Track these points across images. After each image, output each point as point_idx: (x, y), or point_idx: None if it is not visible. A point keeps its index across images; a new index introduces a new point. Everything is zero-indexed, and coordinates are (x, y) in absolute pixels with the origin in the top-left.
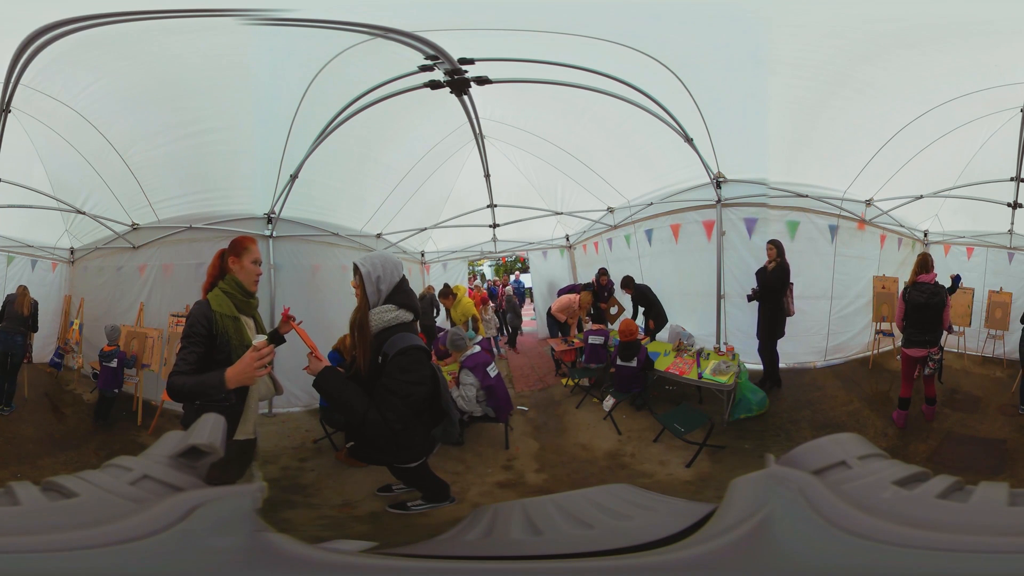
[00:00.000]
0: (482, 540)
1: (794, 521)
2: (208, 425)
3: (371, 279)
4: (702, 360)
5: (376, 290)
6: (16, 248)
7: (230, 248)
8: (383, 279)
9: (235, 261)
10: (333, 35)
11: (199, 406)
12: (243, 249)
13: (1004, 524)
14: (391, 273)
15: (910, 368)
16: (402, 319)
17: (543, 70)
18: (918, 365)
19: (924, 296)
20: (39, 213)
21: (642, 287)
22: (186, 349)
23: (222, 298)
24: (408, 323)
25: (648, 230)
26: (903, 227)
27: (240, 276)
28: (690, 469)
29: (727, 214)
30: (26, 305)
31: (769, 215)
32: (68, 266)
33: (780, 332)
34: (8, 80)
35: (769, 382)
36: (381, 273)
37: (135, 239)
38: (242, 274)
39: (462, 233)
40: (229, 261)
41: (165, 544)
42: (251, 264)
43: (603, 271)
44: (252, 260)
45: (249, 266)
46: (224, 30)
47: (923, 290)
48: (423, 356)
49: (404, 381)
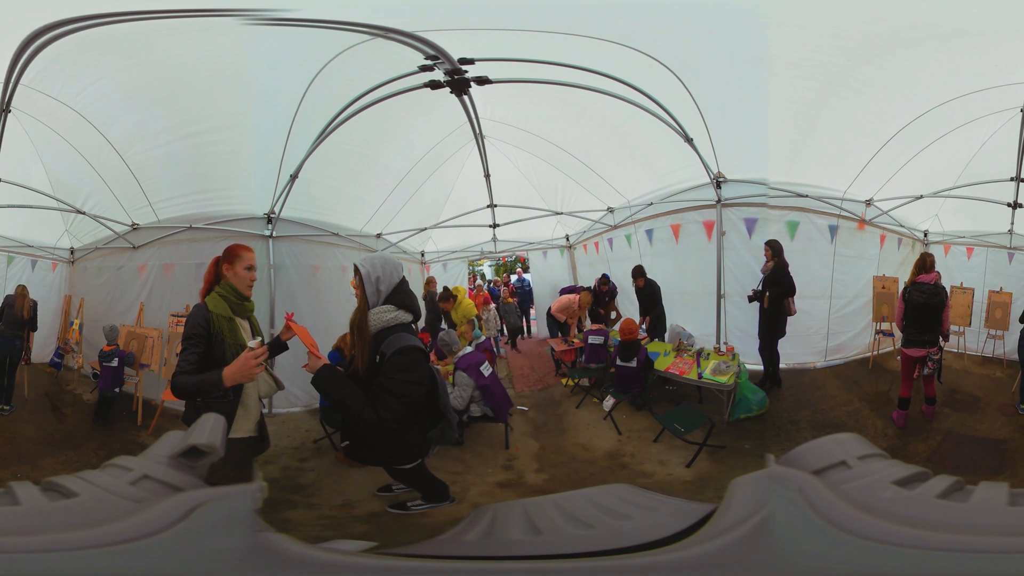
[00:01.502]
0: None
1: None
2: (208, 425)
3: (371, 280)
4: (702, 360)
5: (376, 291)
6: (16, 248)
7: (224, 255)
8: (383, 280)
9: (229, 268)
10: (333, 35)
11: (200, 404)
12: (236, 256)
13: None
14: (391, 274)
15: (909, 368)
16: (401, 319)
17: (543, 70)
18: (917, 365)
19: (924, 296)
20: (39, 213)
21: (653, 284)
22: (187, 350)
23: (218, 301)
24: (407, 324)
25: (649, 230)
26: (903, 227)
27: (234, 281)
28: (690, 469)
29: (727, 214)
30: (25, 308)
31: (769, 215)
32: (68, 266)
33: (781, 332)
34: (8, 80)
35: (769, 382)
36: (381, 274)
37: (135, 239)
38: (236, 279)
39: (462, 233)
40: (224, 268)
41: (165, 544)
42: (244, 270)
43: (604, 278)
44: (245, 266)
45: (242, 272)
46: (224, 30)
47: (923, 290)
48: (420, 356)
49: (400, 380)
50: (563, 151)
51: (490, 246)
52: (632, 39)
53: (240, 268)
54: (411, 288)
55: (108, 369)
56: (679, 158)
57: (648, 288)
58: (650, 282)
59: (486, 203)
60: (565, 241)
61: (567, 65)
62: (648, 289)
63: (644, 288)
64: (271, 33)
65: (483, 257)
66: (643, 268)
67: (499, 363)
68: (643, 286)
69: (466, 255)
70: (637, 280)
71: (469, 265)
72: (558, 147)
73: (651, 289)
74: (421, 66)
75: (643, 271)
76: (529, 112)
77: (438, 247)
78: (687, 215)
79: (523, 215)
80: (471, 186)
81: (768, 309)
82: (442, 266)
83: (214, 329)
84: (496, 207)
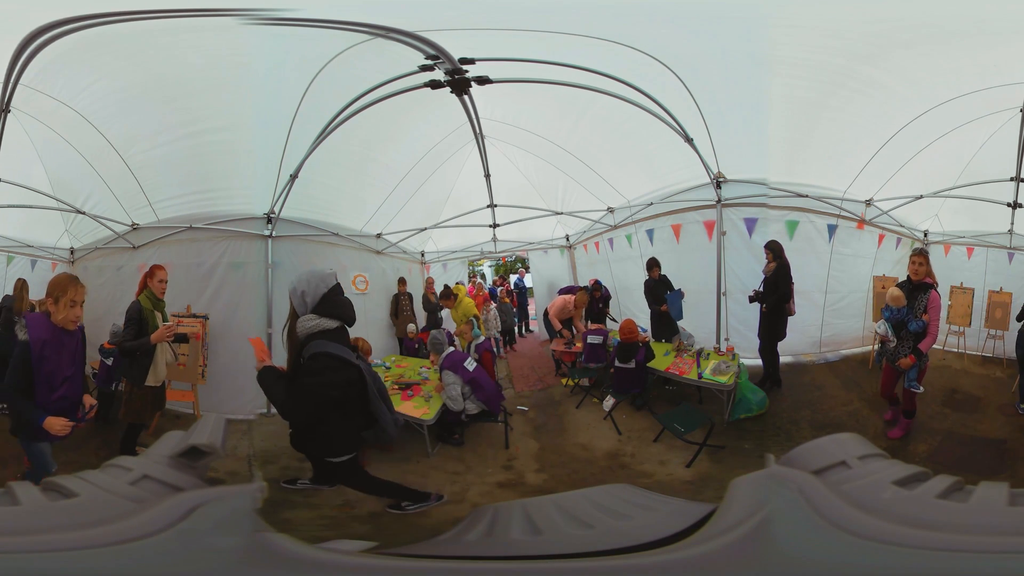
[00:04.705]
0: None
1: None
2: (208, 425)
3: (296, 293)
4: (702, 360)
5: (302, 302)
6: (16, 248)
7: (149, 273)
8: (307, 293)
9: (151, 280)
10: (333, 35)
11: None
12: (152, 274)
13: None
14: (316, 287)
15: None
16: (324, 326)
17: (543, 70)
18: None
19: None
20: (39, 213)
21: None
22: (127, 328)
23: (145, 299)
24: (331, 330)
25: (649, 230)
26: (903, 227)
27: (153, 288)
28: (690, 469)
29: (727, 214)
30: (24, 312)
31: (769, 215)
32: (68, 266)
33: (781, 334)
34: (8, 80)
35: (769, 382)
36: (306, 288)
37: (135, 239)
38: (154, 287)
39: (462, 233)
40: (148, 280)
41: (165, 544)
42: (158, 283)
43: (597, 284)
44: (159, 280)
45: (156, 284)
46: (224, 30)
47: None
48: (331, 362)
49: (309, 383)
50: (563, 151)
51: (490, 246)
52: (632, 39)
53: (155, 281)
54: (343, 298)
55: (106, 366)
56: (679, 158)
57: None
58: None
59: (486, 203)
60: (565, 241)
61: (567, 65)
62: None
63: (659, 280)
64: (271, 33)
65: (483, 257)
66: (657, 260)
67: (499, 363)
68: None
69: (466, 255)
70: (652, 271)
71: (469, 265)
72: (558, 147)
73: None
74: (421, 66)
75: (657, 263)
76: (529, 112)
77: (438, 247)
78: (687, 215)
79: (523, 215)
80: (471, 186)
81: (768, 312)
82: (442, 266)
83: (144, 315)
84: (496, 207)
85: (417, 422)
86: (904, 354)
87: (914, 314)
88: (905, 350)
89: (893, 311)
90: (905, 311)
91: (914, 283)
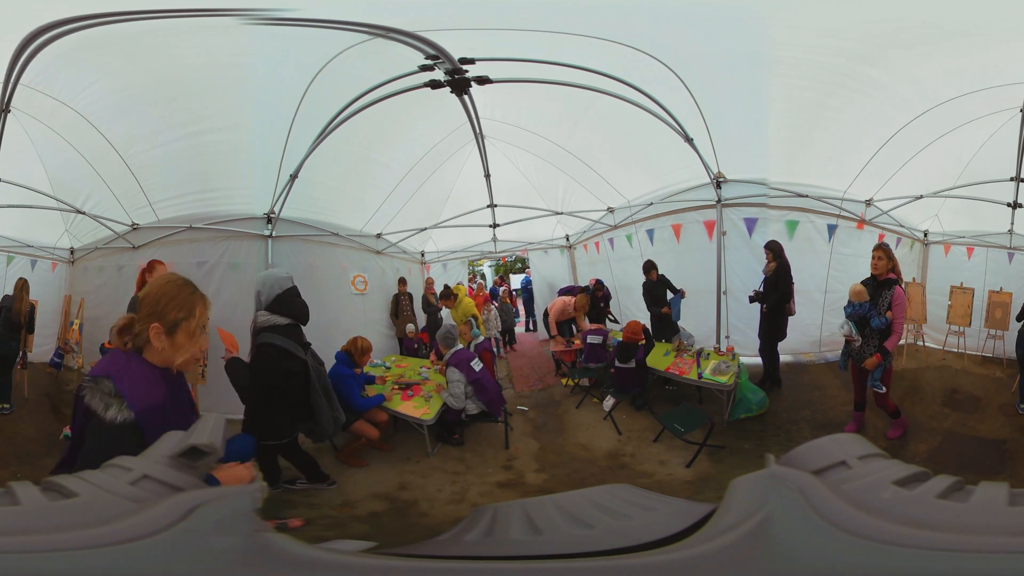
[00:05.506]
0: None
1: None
2: (208, 425)
3: (255, 292)
4: (702, 360)
5: (258, 300)
6: (16, 248)
7: (147, 268)
8: (262, 292)
9: (149, 275)
10: (333, 35)
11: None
12: (151, 269)
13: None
14: (271, 287)
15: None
16: (273, 322)
17: (543, 70)
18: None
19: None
20: (39, 213)
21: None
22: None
23: None
24: (280, 325)
25: (650, 230)
26: (903, 227)
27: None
28: (690, 469)
29: (727, 214)
30: (23, 313)
31: (769, 215)
32: (68, 266)
33: (782, 334)
34: (8, 80)
35: (769, 382)
36: (261, 288)
37: (135, 239)
38: None
39: (462, 233)
40: (147, 275)
41: (165, 544)
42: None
43: (598, 284)
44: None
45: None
46: (224, 30)
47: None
48: (271, 352)
49: (253, 368)
50: (563, 151)
51: (490, 246)
52: (632, 39)
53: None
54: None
55: None
56: (679, 158)
57: (661, 281)
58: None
59: (486, 203)
60: (565, 241)
61: (567, 65)
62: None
63: (657, 281)
64: (271, 33)
65: (483, 257)
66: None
67: (499, 363)
68: (656, 280)
69: (466, 255)
70: (650, 274)
71: (469, 265)
72: (558, 147)
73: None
74: (421, 66)
75: (654, 265)
76: (529, 112)
77: (438, 247)
78: (688, 215)
79: (523, 215)
80: (471, 186)
81: (768, 312)
82: (442, 266)
83: None
84: (496, 207)
85: (417, 422)
86: (870, 353)
87: (878, 310)
88: (871, 349)
89: (855, 306)
90: (867, 306)
91: (879, 280)
